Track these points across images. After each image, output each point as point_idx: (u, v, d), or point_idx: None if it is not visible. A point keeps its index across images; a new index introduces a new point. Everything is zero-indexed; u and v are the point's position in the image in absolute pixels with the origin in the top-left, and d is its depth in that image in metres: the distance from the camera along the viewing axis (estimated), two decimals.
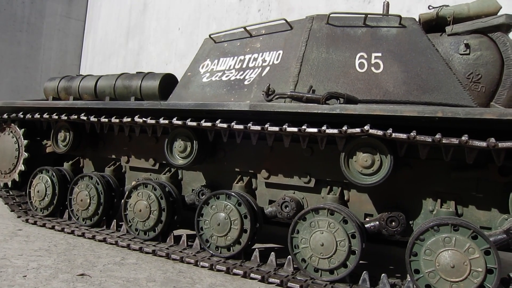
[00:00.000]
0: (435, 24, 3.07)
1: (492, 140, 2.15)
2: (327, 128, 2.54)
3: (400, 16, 2.83)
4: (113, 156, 3.91)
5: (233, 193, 2.98)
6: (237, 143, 3.00)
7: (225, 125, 2.83)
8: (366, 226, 2.79)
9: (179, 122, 2.99)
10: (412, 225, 2.74)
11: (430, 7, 2.98)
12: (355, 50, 2.82)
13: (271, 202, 3.19)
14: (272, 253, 2.90)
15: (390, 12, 2.99)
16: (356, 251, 2.56)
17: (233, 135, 2.99)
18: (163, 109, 3.06)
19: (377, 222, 2.76)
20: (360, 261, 2.59)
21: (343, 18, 2.95)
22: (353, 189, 2.94)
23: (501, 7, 2.91)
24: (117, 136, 3.72)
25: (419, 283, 2.39)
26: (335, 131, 2.49)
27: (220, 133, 3.02)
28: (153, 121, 3.11)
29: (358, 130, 2.43)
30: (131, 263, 2.86)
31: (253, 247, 3.06)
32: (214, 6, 12.69)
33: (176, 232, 3.34)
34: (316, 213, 2.70)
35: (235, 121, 2.82)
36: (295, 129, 2.60)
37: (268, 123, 2.72)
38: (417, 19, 3.08)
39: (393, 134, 2.35)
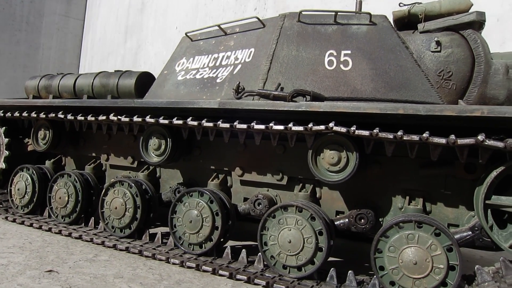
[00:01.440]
0: (407, 21, 3.07)
1: (452, 136, 2.15)
2: (294, 125, 2.55)
3: (370, 14, 2.83)
4: (93, 154, 3.93)
5: (205, 191, 2.99)
6: (213, 141, 3.02)
7: (195, 123, 2.84)
8: (336, 223, 2.80)
9: (152, 120, 3.01)
10: (381, 222, 2.75)
11: (401, 5, 2.98)
12: (325, 47, 2.83)
13: (246, 199, 3.20)
14: (243, 250, 2.91)
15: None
16: (323, 248, 2.57)
17: (207, 133, 3.00)
18: (137, 107, 3.08)
19: (347, 219, 2.77)
20: (337, 259, 2.61)
21: (315, 15, 2.96)
22: (325, 187, 2.94)
23: (472, 5, 2.90)
24: (96, 134, 3.74)
25: (383, 280, 2.40)
26: (301, 128, 2.50)
27: (194, 131, 3.03)
28: (127, 119, 3.13)
29: (323, 127, 2.44)
30: (103, 260, 2.87)
31: (226, 244, 3.07)
32: (211, 5, 12.70)
33: (154, 230, 3.35)
34: (285, 210, 2.71)
35: (205, 119, 2.84)
36: (262, 127, 2.62)
37: (237, 121, 2.73)
38: (391, 17, 3.09)
39: (357, 131, 2.35)
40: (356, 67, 2.73)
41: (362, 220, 2.71)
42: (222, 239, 3.01)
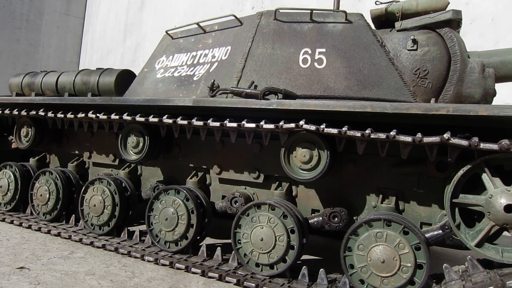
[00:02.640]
0: (385, 19, 3.05)
1: (419, 135, 2.15)
2: (266, 123, 2.55)
3: (345, 12, 2.82)
4: (76, 152, 3.94)
5: (181, 189, 2.99)
6: (192, 139, 3.02)
7: (170, 121, 2.84)
8: (310, 221, 2.80)
9: (129, 118, 3.02)
10: (356, 220, 2.74)
11: (378, 3, 2.97)
12: (300, 45, 2.82)
13: (224, 197, 3.20)
14: (218, 248, 2.91)
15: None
16: (295, 246, 2.57)
17: (185, 131, 3.00)
18: (114, 104, 3.08)
19: (321, 218, 2.77)
20: (316, 257, 2.60)
21: (292, 13, 2.95)
22: (301, 185, 2.94)
23: (449, 3, 2.89)
24: (78, 132, 3.76)
25: (353, 278, 2.40)
26: (272, 126, 2.49)
27: (172, 129, 3.03)
28: (105, 117, 3.14)
29: (293, 125, 2.43)
30: (78, 257, 2.88)
31: (203, 242, 3.08)
32: (209, 4, 12.73)
33: (137, 228, 3.36)
34: (258, 208, 2.71)
35: (180, 117, 2.84)
36: (234, 125, 2.61)
37: (211, 119, 2.73)
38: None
39: (326, 129, 2.35)
40: (330, 65, 2.72)
41: (336, 219, 2.71)
42: (198, 237, 3.01)
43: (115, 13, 15.12)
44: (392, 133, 2.20)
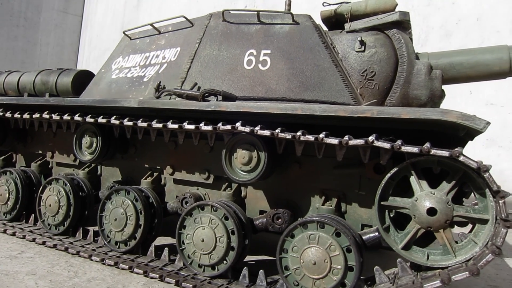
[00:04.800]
0: (335, 20, 3.05)
1: (346, 138, 2.15)
2: (205, 124, 2.55)
3: (291, 13, 2.82)
4: (40, 152, 3.96)
5: (131, 189, 3.01)
6: (147, 139, 3.03)
7: (117, 122, 2.86)
8: (255, 222, 2.81)
9: (79, 118, 3.03)
10: None
11: (325, 4, 2.97)
12: (246, 47, 2.82)
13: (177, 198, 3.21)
14: (166, 248, 2.92)
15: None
16: (235, 247, 2.58)
17: (138, 131, 3.00)
18: (66, 105, 3.10)
19: (265, 219, 2.77)
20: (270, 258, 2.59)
21: (240, 15, 2.96)
22: (250, 186, 2.95)
23: (397, 4, 2.88)
24: (42, 132, 3.78)
25: (288, 280, 2.40)
26: (210, 127, 2.50)
27: (125, 130, 3.05)
28: (58, 117, 3.15)
29: (229, 127, 2.44)
30: (26, 256, 2.90)
31: (153, 242, 3.09)
32: (204, 2, 12.75)
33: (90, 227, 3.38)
34: (202, 209, 2.72)
35: (127, 118, 2.85)
36: (175, 126, 2.63)
37: (155, 120, 2.74)
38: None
39: (260, 131, 2.35)
40: (274, 67, 2.72)
41: (279, 220, 2.71)
42: (147, 237, 3.03)
43: (112, 11, 15.18)
44: (321, 135, 2.20)
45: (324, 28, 3.14)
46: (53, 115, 3.18)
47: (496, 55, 2.79)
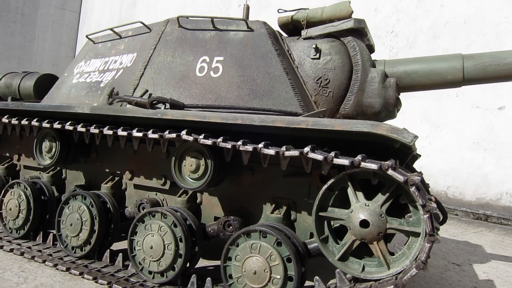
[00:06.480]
0: (292, 27, 3.05)
1: (283, 148, 2.15)
2: (153, 132, 2.56)
3: (245, 20, 2.81)
4: (7, 154, 3.97)
5: (88, 194, 3.01)
6: (107, 144, 3.04)
7: (71, 128, 2.86)
8: (207, 229, 2.81)
9: (36, 124, 3.04)
10: None
11: (280, 10, 2.96)
12: (199, 54, 2.82)
13: None
14: (120, 254, 2.93)
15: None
16: (183, 255, 2.58)
17: (96, 137, 3.01)
18: (24, 110, 3.10)
19: (216, 226, 2.78)
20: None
21: (196, 21, 2.95)
22: (205, 192, 2.95)
23: (352, 12, 2.87)
24: (7, 134, 3.78)
25: None
26: (156, 135, 2.50)
27: (89, 135, 3.04)
28: (16, 122, 3.16)
29: (174, 135, 2.44)
30: None
31: (109, 248, 3.09)
32: (199, 1, 12.73)
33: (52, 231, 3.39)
34: (153, 216, 2.72)
35: (81, 124, 2.86)
36: (124, 133, 2.63)
37: (107, 126, 2.74)
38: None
39: (202, 140, 2.35)
40: (225, 74, 2.72)
41: (230, 227, 2.71)
42: (104, 242, 3.03)
43: (109, 9, 15.18)
44: (260, 145, 2.20)
45: (285, 34, 3.15)
46: (12, 119, 3.19)
47: (450, 63, 2.78)
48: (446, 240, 5.04)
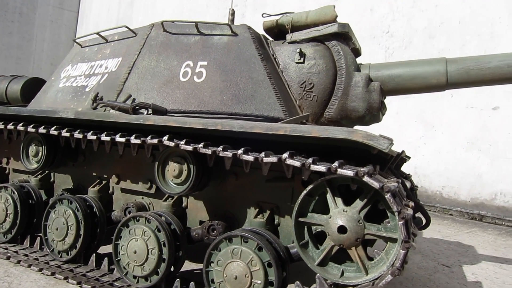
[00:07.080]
0: (277, 31, 3.05)
1: (262, 154, 2.15)
2: (136, 138, 2.56)
3: (229, 25, 2.81)
4: None
5: (74, 198, 3.02)
6: (94, 148, 3.05)
7: (55, 132, 2.87)
8: (192, 234, 2.81)
9: (22, 128, 3.04)
10: None
11: (265, 15, 2.96)
12: (183, 58, 2.82)
13: None
14: (106, 258, 2.94)
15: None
16: (166, 259, 2.59)
17: (81, 141, 3.01)
18: (10, 114, 3.11)
19: (200, 230, 2.78)
20: None
21: (181, 25, 2.95)
22: (191, 196, 2.95)
23: (337, 16, 2.87)
24: None
25: None
26: (138, 141, 2.51)
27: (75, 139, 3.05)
28: (2, 126, 3.17)
29: (155, 140, 2.45)
30: None
31: (95, 252, 3.10)
32: (196, 1, 12.73)
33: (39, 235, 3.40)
34: (137, 220, 2.72)
35: (66, 128, 2.86)
36: (108, 138, 2.63)
37: (91, 131, 2.75)
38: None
39: (183, 145, 2.36)
40: (209, 79, 2.72)
41: (214, 231, 2.72)
42: (90, 246, 3.04)
43: (107, 8, 15.18)
44: (239, 151, 2.20)
45: (269, 38, 3.14)
46: None
47: (434, 67, 2.78)
48: (438, 241, 5.04)
